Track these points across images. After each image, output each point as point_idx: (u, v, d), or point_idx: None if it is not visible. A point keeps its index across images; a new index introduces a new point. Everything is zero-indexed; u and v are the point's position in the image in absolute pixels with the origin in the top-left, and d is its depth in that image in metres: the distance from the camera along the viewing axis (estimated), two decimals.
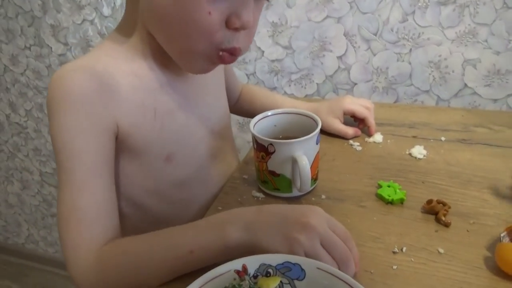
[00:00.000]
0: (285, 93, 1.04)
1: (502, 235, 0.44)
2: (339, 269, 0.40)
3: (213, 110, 0.63)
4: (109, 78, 0.49)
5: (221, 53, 0.47)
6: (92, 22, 1.14)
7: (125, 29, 0.53)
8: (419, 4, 0.84)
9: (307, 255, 0.40)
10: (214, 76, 0.62)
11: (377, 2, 0.87)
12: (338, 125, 0.71)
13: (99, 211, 0.47)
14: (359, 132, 0.72)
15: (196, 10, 0.43)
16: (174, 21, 0.46)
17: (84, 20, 1.15)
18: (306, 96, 1.03)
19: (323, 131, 0.72)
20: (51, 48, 1.25)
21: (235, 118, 1.11)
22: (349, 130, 0.70)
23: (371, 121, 0.70)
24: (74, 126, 0.46)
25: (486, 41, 0.83)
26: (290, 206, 0.46)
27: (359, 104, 0.71)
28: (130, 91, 0.51)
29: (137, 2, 0.49)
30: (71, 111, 0.46)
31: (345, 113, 0.71)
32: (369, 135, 0.71)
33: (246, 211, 0.45)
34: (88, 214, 0.46)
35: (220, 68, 0.66)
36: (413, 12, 0.85)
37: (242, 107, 0.82)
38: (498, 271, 0.42)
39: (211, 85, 0.63)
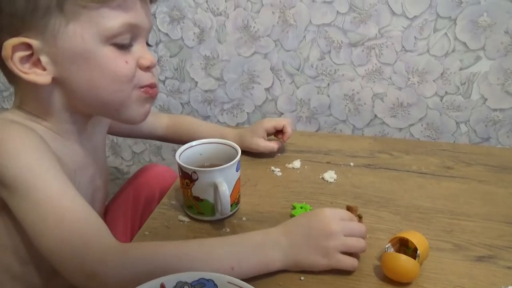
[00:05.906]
0: (218, 121, 1.10)
1: (386, 246, 0.52)
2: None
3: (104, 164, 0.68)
4: None
5: (143, 89, 0.54)
6: None
7: (37, 114, 0.53)
8: (334, 44, 0.96)
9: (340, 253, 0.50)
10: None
11: (298, 41, 0.97)
12: (263, 143, 0.79)
13: (88, 210, 0.47)
14: (280, 144, 0.82)
15: (117, 65, 0.50)
16: (100, 86, 0.51)
17: None
18: (237, 124, 1.10)
19: (252, 153, 0.80)
20: None
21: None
22: (274, 144, 0.80)
23: (289, 129, 0.81)
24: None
25: (390, 78, 0.96)
26: (306, 218, 0.53)
27: (276, 120, 0.81)
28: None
29: (47, 91, 0.51)
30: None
31: (267, 131, 0.80)
32: (284, 141, 0.82)
33: (276, 233, 0.51)
34: (81, 213, 0.46)
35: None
36: (329, 52, 0.97)
37: (170, 137, 0.84)
38: (384, 277, 0.50)
39: (100, 144, 0.67)
